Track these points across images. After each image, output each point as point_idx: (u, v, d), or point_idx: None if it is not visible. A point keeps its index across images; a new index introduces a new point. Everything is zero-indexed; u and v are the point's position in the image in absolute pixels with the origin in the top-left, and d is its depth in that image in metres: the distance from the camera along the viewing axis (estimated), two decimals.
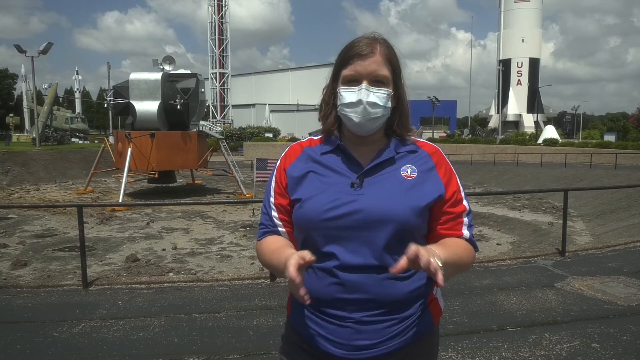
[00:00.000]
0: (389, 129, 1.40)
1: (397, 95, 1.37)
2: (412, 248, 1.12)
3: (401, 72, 1.38)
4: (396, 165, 1.35)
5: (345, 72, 1.33)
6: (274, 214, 1.41)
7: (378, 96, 1.30)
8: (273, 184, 1.42)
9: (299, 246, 1.37)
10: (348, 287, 1.27)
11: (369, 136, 1.36)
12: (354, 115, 1.31)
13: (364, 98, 1.29)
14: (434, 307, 1.41)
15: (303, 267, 1.14)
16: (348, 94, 1.31)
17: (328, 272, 1.28)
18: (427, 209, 1.32)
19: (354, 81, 1.32)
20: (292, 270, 1.11)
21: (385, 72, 1.32)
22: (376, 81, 1.31)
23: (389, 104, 1.33)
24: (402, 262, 1.12)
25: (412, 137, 1.42)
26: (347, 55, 1.33)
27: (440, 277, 1.09)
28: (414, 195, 1.30)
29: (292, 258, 1.14)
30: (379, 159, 1.35)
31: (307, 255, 1.16)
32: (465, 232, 1.36)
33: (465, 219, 1.37)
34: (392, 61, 1.35)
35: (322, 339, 1.32)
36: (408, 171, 1.34)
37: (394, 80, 1.35)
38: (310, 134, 1.50)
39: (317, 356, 1.35)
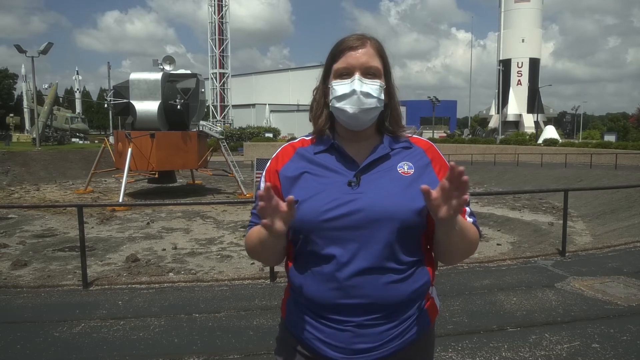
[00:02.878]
0: (381, 126, 1.39)
1: (389, 91, 1.37)
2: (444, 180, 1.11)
3: (391, 70, 1.38)
4: (392, 161, 1.34)
5: (337, 65, 1.32)
6: None
7: (371, 87, 1.30)
8: (263, 186, 1.39)
9: (296, 249, 1.36)
10: (349, 292, 1.25)
11: (361, 132, 1.35)
12: (348, 106, 1.30)
13: (357, 88, 1.28)
14: (431, 306, 1.40)
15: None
16: (341, 87, 1.31)
17: (328, 276, 1.26)
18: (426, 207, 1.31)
19: (346, 74, 1.31)
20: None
21: (377, 63, 1.32)
22: (368, 73, 1.31)
23: (382, 96, 1.33)
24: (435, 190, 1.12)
25: (405, 134, 1.41)
26: (338, 50, 1.33)
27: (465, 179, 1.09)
28: (413, 193, 1.28)
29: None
30: (374, 155, 1.33)
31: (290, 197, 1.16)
32: (468, 219, 1.35)
33: (467, 208, 1.35)
34: (383, 56, 1.35)
35: (320, 342, 1.31)
36: (405, 168, 1.33)
37: (386, 75, 1.35)
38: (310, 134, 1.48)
39: (314, 359, 1.34)
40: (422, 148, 1.38)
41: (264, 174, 1.41)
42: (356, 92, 1.28)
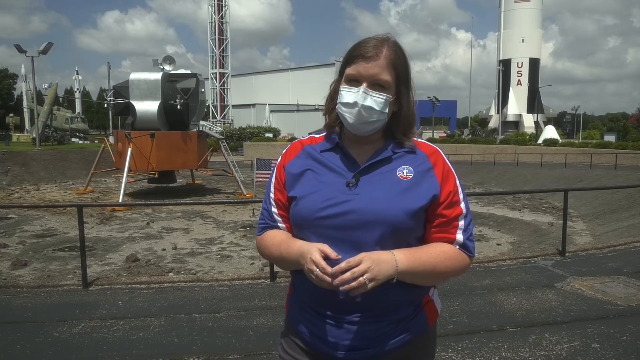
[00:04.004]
0: (388, 132, 1.38)
1: (399, 102, 1.34)
2: (355, 259, 1.17)
3: (408, 77, 1.34)
4: (393, 165, 1.34)
5: (349, 70, 1.32)
6: (274, 209, 1.42)
7: (375, 100, 1.28)
8: (273, 180, 1.44)
9: None
10: (342, 290, 1.25)
11: (367, 136, 1.36)
12: (348, 115, 1.31)
13: (359, 101, 1.28)
14: (430, 308, 1.40)
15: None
16: (347, 94, 1.31)
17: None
18: (422, 211, 1.30)
19: (354, 81, 1.31)
20: (319, 262, 1.18)
21: (386, 77, 1.29)
22: (376, 85, 1.29)
23: (387, 110, 1.31)
24: (338, 267, 1.17)
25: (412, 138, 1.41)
26: (352, 55, 1.32)
27: (346, 290, 1.17)
28: (409, 197, 1.29)
29: (315, 252, 1.19)
30: (376, 157, 1.34)
31: (327, 249, 1.20)
32: (459, 237, 1.33)
33: (461, 222, 1.33)
34: (397, 66, 1.31)
35: (316, 338, 1.34)
36: (404, 172, 1.32)
37: (397, 86, 1.32)
38: (310, 133, 1.50)
39: (312, 354, 1.37)
40: (425, 153, 1.37)
41: (274, 168, 1.45)
42: (358, 104, 1.28)
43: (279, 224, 1.41)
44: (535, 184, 24.03)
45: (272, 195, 1.43)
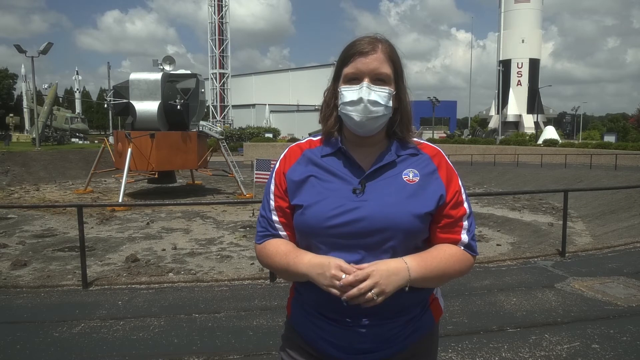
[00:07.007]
0: (390, 131, 1.38)
1: (399, 96, 1.34)
2: (362, 273, 1.17)
3: (403, 73, 1.35)
4: (398, 168, 1.33)
5: (347, 70, 1.31)
6: (275, 217, 1.37)
7: (379, 94, 1.28)
8: (272, 187, 1.39)
9: None
10: None
11: (369, 137, 1.34)
12: (354, 113, 1.29)
13: (365, 96, 1.27)
14: (435, 307, 1.42)
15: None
16: (349, 92, 1.29)
17: None
18: (430, 214, 1.30)
19: (355, 79, 1.30)
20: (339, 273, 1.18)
21: (386, 70, 1.30)
22: (378, 79, 1.29)
23: (391, 103, 1.31)
24: (345, 280, 1.17)
25: (413, 139, 1.40)
26: (349, 54, 1.31)
27: (363, 303, 1.17)
28: (417, 201, 1.28)
29: (334, 269, 1.19)
30: (380, 162, 1.32)
31: (344, 265, 1.19)
32: (464, 237, 1.33)
33: (465, 222, 1.34)
34: (394, 60, 1.32)
35: (324, 341, 1.32)
36: (410, 175, 1.32)
37: (396, 80, 1.33)
38: (310, 135, 1.48)
39: (318, 357, 1.35)
40: (428, 155, 1.37)
41: (273, 174, 1.41)
42: (363, 100, 1.27)
43: (280, 232, 1.37)
44: (535, 184, 24.03)
45: (272, 202, 1.38)
